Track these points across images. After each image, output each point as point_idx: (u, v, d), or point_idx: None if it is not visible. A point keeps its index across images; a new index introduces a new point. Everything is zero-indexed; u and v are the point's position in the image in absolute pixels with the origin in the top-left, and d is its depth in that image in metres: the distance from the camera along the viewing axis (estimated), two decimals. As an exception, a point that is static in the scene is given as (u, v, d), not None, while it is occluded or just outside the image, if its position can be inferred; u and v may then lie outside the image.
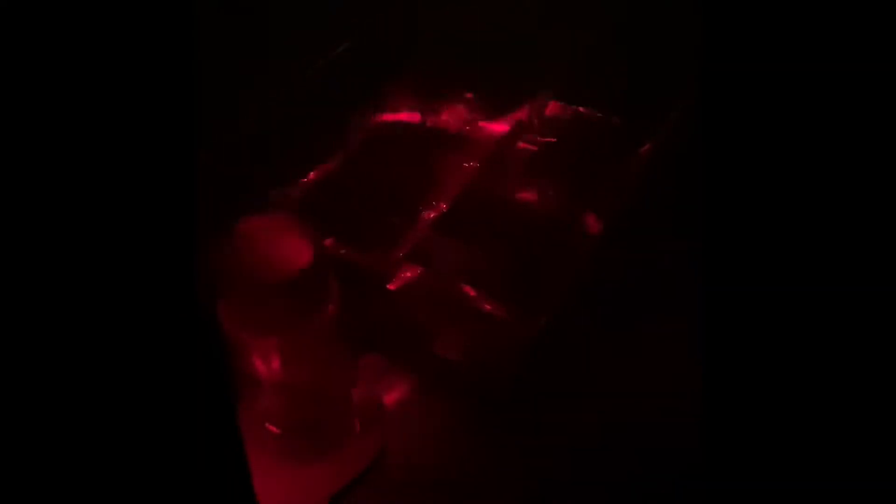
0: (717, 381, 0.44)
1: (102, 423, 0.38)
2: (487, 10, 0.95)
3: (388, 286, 0.76)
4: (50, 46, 0.37)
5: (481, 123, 0.89)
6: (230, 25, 0.78)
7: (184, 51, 0.39)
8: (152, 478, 0.39)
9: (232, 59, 0.78)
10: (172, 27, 0.38)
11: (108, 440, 0.38)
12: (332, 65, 0.92)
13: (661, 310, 0.75)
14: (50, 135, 0.37)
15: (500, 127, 0.89)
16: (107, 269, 0.38)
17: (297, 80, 0.89)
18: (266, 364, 0.64)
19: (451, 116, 0.90)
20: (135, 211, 0.38)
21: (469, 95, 0.91)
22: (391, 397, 0.73)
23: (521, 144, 0.87)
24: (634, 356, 0.73)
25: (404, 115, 0.90)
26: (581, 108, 0.89)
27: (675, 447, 0.64)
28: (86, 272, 0.38)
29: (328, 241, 0.77)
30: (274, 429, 0.68)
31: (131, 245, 0.38)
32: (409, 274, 0.76)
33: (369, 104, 0.91)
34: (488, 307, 0.74)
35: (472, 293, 0.75)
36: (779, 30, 0.43)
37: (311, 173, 0.85)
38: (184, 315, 0.39)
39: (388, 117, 0.91)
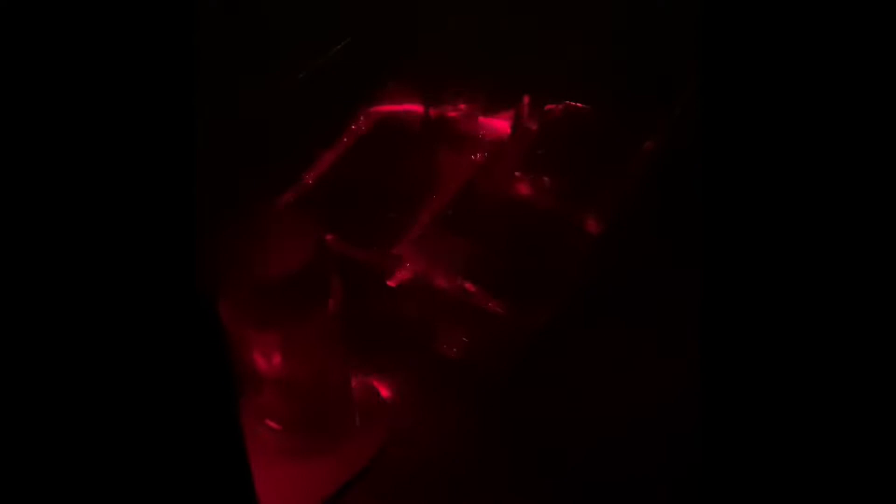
0: (717, 382, 0.44)
1: (104, 420, 0.38)
2: (487, 10, 0.95)
3: (388, 283, 0.76)
4: (50, 46, 0.37)
5: (482, 121, 0.89)
6: (230, 25, 0.78)
7: (184, 49, 0.39)
8: (154, 474, 0.39)
9: (232, 59, 0.78)
10: (172, 27, 0.38)
11: (109, 437, 0.39)
12: (332, 64, 0.92)
13: (660, 309, 0.75)
14: (50, 134, 0.37)
15: (500, 125, 0.89)
16: (107, 266, 0.38)
17: (296, 79, 0.89)
18: (267, 360, 0.64)
19: (452, 114, 0.90)
20: (135, 209, 0.38)
21: (469, 94, 0.91)
22: (391, 394, 0.73)
23: (521, 143, 0.87)
24: (634, 356, 0.73)
25: (404, 113, 0.91)
26: (581, 107, 0.89)
27: (674, 448, 0.64)
28: (86, 270, 0.38)
29: (329, 238, 0.77)
30: (274, 425, 0.68)
31: (132, 243, 0.38)
32: (409, 271, 0.77)
33: (369, 102, 0.91)
34: (488, 304, 0.74)
35: (473, 290, 0.75)
36: (779, 29, 0.44)
37: (312, 170, 0.85)
38: (185, 312, 0.39)
39: (389, 115, 0.91)
